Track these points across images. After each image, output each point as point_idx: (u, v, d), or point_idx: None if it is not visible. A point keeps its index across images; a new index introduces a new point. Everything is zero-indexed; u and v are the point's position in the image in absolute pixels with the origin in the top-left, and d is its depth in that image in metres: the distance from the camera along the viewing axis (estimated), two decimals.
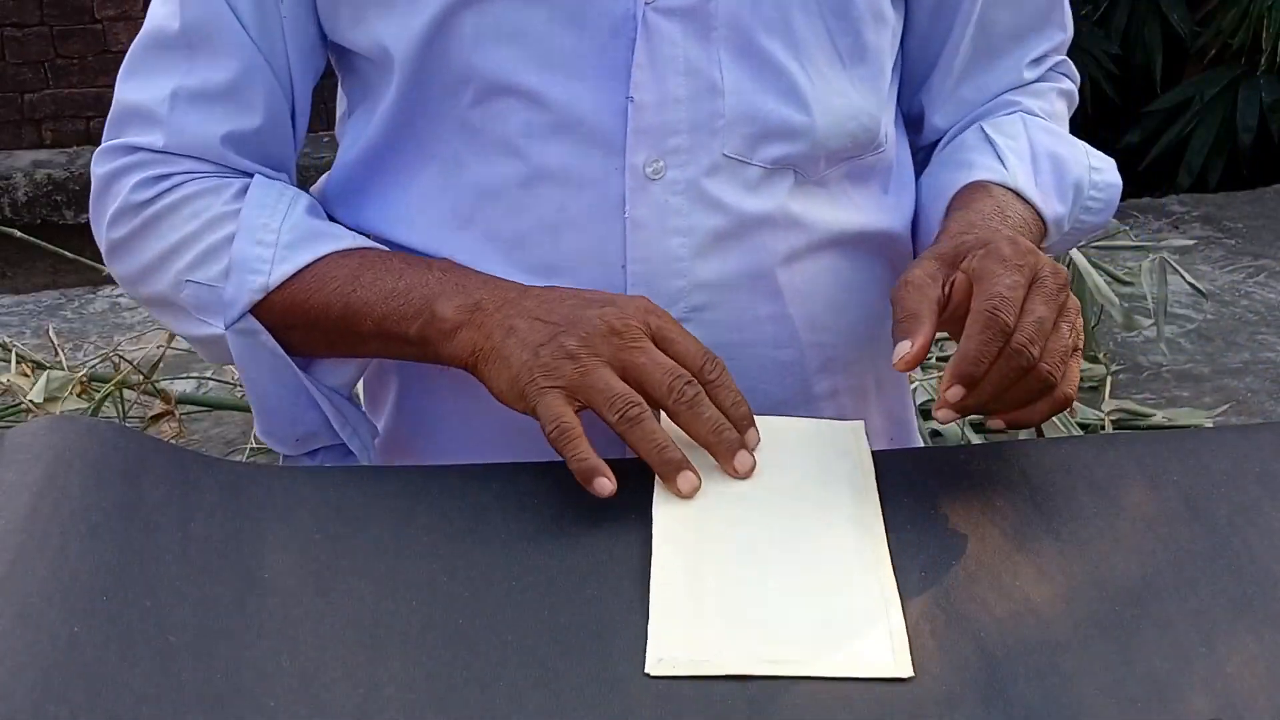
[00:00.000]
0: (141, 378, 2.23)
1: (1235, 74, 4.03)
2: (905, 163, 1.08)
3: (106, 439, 0.83)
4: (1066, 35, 1.10)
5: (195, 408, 2.32)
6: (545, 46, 0.92)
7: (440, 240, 0.97)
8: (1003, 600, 0.77)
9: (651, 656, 0.72)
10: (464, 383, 0.94)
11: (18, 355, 2.30)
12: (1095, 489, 0.86)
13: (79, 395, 2.15)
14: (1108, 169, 1.07)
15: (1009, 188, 0.99)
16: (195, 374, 2.46)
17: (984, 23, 1.05)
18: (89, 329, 2.68)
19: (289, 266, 0.93)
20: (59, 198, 4.36)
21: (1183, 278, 2.48)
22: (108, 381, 2.21)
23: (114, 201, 0.98)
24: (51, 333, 2.59)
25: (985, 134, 1.03)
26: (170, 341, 2.27)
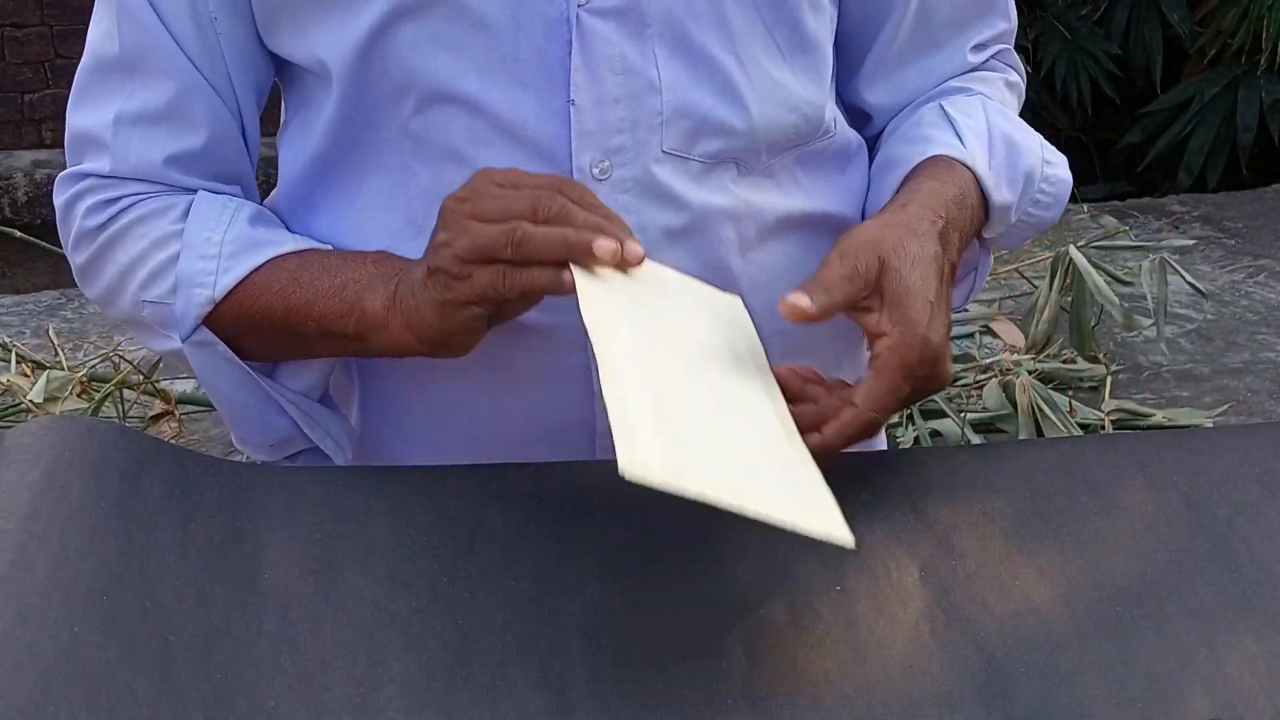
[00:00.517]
0: (141, 378, 2.23)
1: (1235, 74, 4.03)
2: (857, 143, 1.07)
3: (106, 439, 0.83)
4: (1010, 25, 1.10)
5: (195, 408, 2.32)
6: (483, 53, 0.92)
7: (396, 248, 0.96)
8: (1003, 600, 0.77)
9: (624, 457, 0.69)
10: (425, 380, 0.96)
11: (18, 355, 2.30)
12: (1095, 489, 0.86)
13: (79, 395, 2.15)
14: (1059, 164, 1.06)
15: (966, 165, 0.98)
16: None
17: (924, 8, 1.04)
18: (89, 329, 2.68)
19: (230, 278, 0.94)
20: None
21: (1183, 278, 2.48)
22: (108, 381, 2.21)
23: (72, 228, 0.99)
24: (51, 333, 2.59)
25: (945, 111, 1.02)
26: None
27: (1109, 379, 2.46)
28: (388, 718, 0.68)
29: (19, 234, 2.27)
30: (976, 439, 2.03)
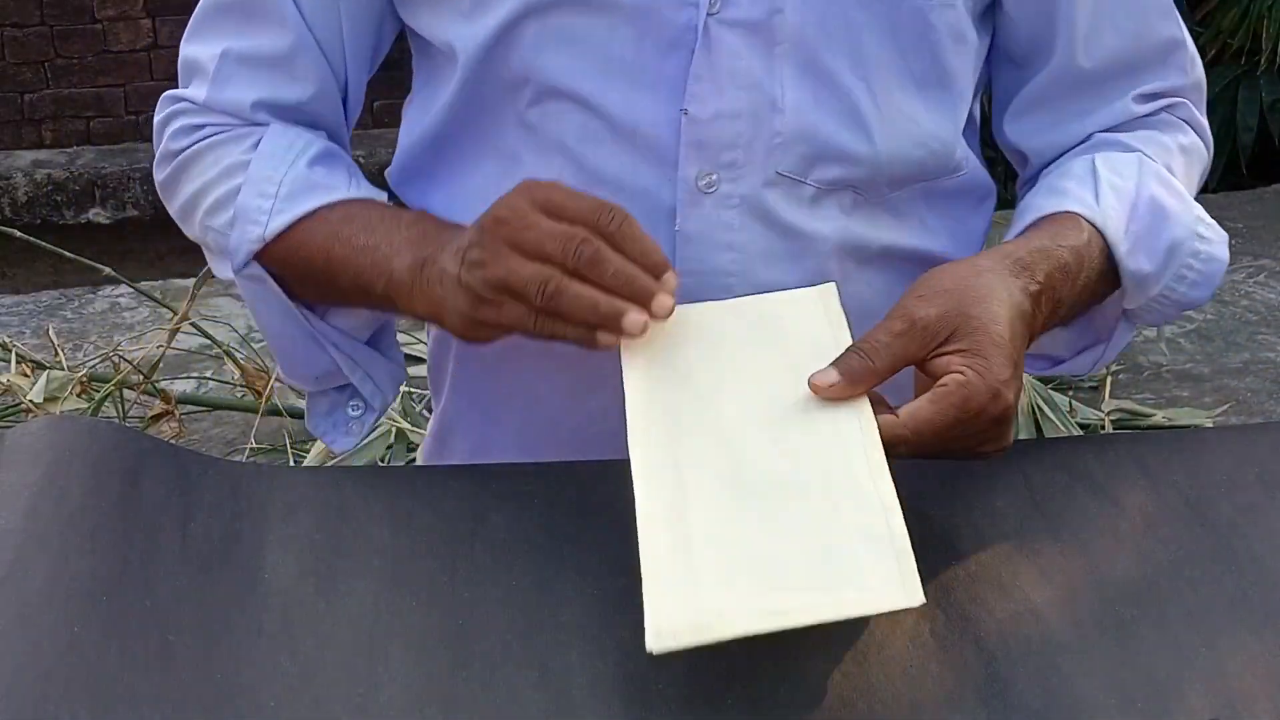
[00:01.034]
0: (141, 378, 2.23)
1: (1235, 74, 4.03)
2: (987, 186, 1.04)
3: (106, 439, 0.83)
4: (1188, 81, 1.02)
5: (195, 408, 2.32)
6: (604, 54, 0.92)
7: None
8: (1003, 600, 0.77)
9: (650, 630, 0.68)
10: (519, 370, 0.96)
11: (18, 355, 2.30)
12: (1095, 489, 0.86)
13: (79, 395, 2.15)
14: (1216, 241, 0.97)
15: (1096, 227, 0.92)
16: (195, 374, 2.46)
17: (1087, 48, 0.98)
18: (89, 329, 2.68)
19: (281, 220, 0.94)
20: (59, 198, 4.36)
21: None
22: (108, 381, 2.21)
23: (159, 146, 1.03)
24: (51, 333, 2.59)
25: (1094, 166, 0.96)
26: (170, 341, 2.27)
27: (1109, 379, 2.46)
28: (388, 718, 0.68)
29: (19, 234, 2.27)
30: None
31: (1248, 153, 4.04)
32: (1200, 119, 1.04)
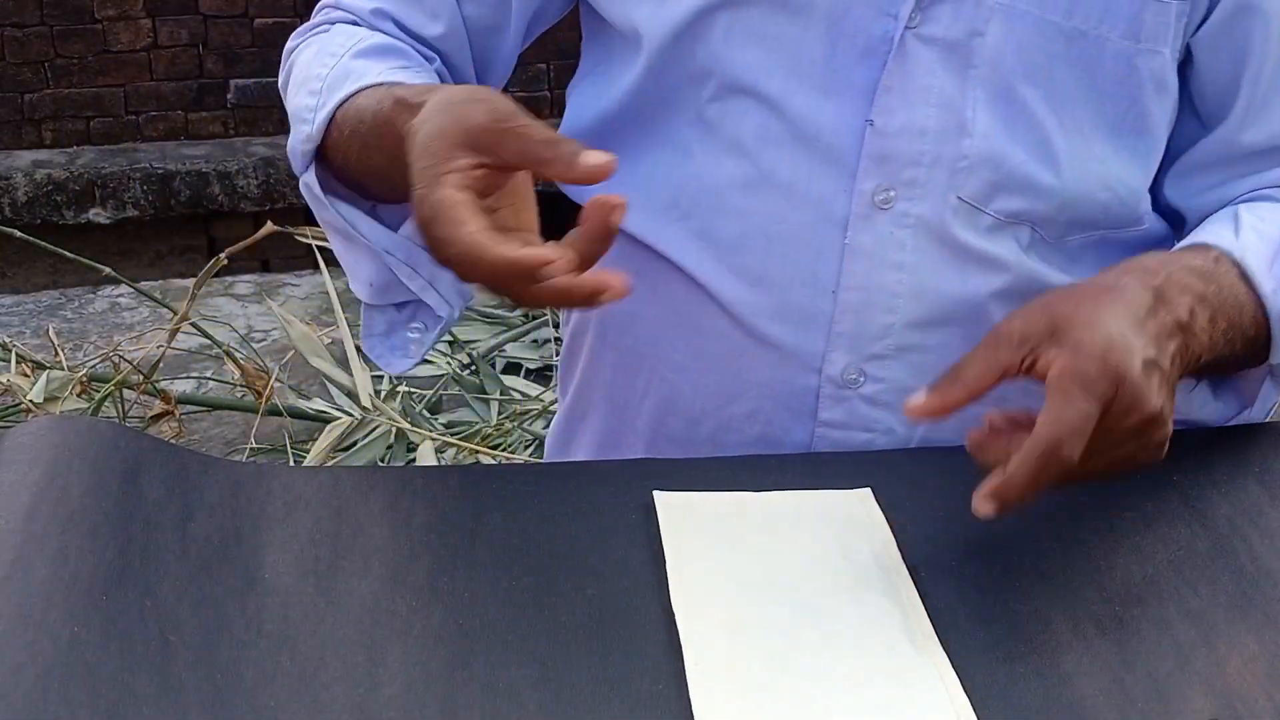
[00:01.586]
0: (141, 378, 2.23)
1: None
2: (1163, 240, 0.99)
3: (106, 439, 0.83)
4: None
5: (195, 408, 2.32)
6: (795, 55, 0.90)
7: (656, 228, 0.95)
8: (1003, 600, 0.77)
9: None
10: (660, 371, 0.97)
11: (18, 355, 2.30)
12: (1096, 489, 0.86)
13: (79, 395, 2.15)
14: None
15: (1233, 259, 0.88)
16: (195, 374, 2.46)
17: (1260, 120, 0.94)
18: (89, 329, 2.67)
19: (324, 115, 0.91)
20: (59, 198, 4.36)
21: None
22: (108, 381, 2.21)
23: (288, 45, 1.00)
24: (51, 333, 2.59)
25: (1236, 210, 0.93)
26: (170, 341, 2.27)
27: None
28: (388, 718, 0.68)
29: (19, 234, 2.27)
30: None
31: None
32: None
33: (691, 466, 0.89)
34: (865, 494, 0.85)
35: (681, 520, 0.82)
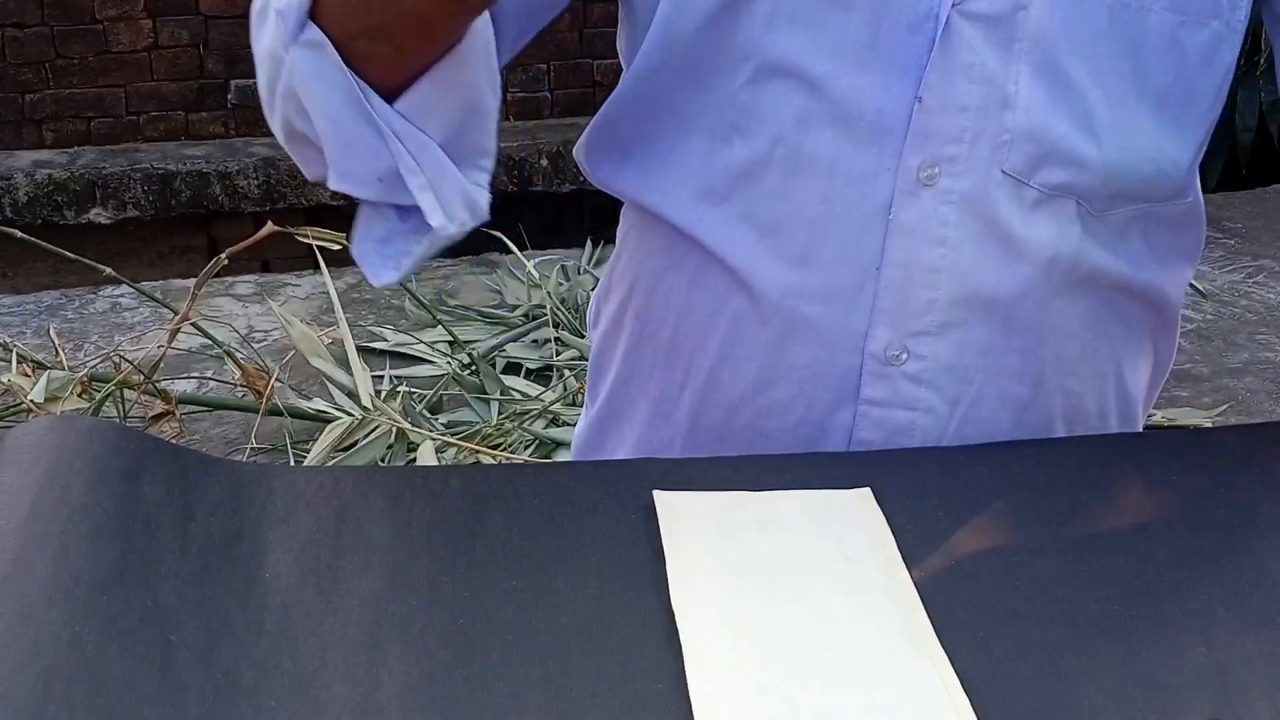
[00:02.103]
0: (142, 378, 2.23)
1: (1235, 74, 4.03)
2: (1201, 222, 1.00)
3: (107, 439, 0.83)
4: None
5: (196, 408, 2.32)
6: (839, 35, 0.89)
7: (692, 214, 0.95)
8: (1003, 600, 0.77)
9: None
10: (697, 360, 0.96)
11: (18, 355, 2.31)
12: (1095, 489, 0.86)
13: (79, 395, 2.15)
14: None
15: None
16: (195, 374, 2.46)
17: None
18: (90, 329, 2.68)
19: None
20: (59, 198, 4.36)
21: None
22: (108, 381, 2.21)
23: None
24: (52, 333, 2.59)
25: None
26: (171, 341, 2.27)
27: None
28: (388, 717, 0.68)
29: (19, 234, 2.27)
30: None
31: (1247, 153, 4.04)
32: None
33: (691, 466, 0.89)
34: (865, 494, 0.85)
35: (681, 520, 0.82)
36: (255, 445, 2.20)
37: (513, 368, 2.46)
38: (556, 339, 2.55)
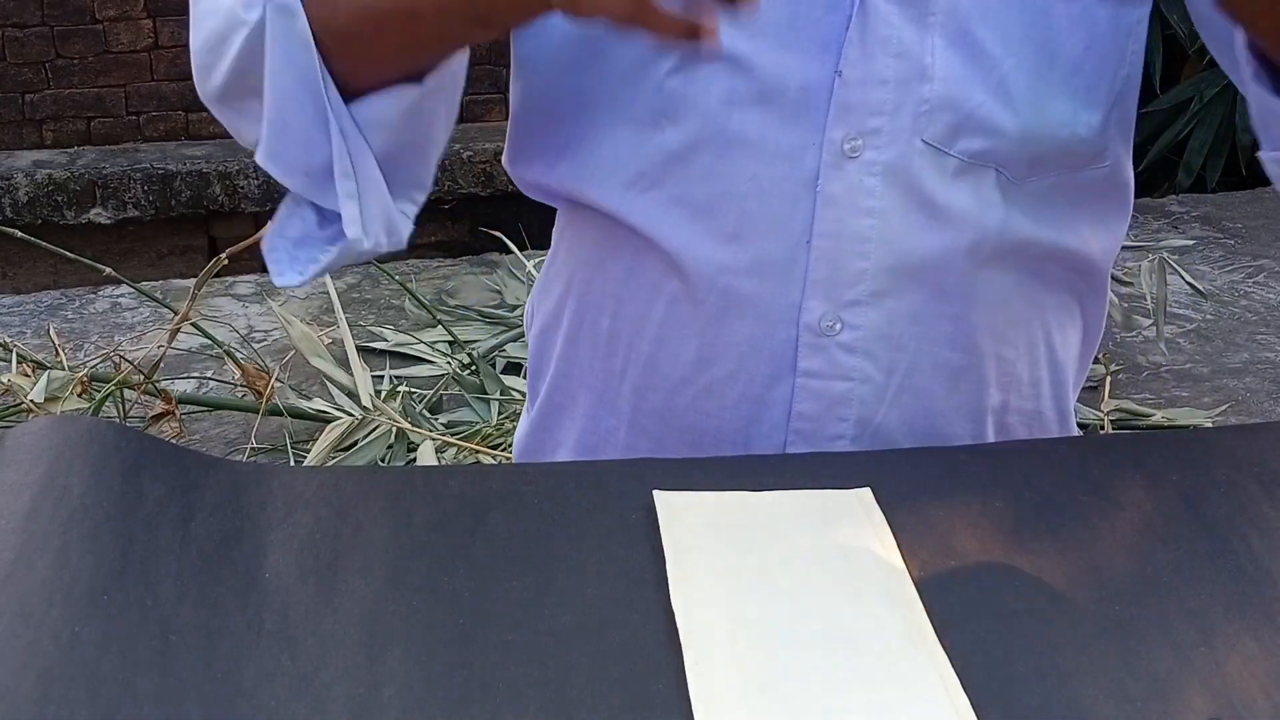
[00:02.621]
0: (142, 378, 2.23)
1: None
2: (1126, 186, 1.02)
3: (107, 439, 0.83)
4: None
5: (196, 408, 2.32)
6: (760, 17, 0.90)
7: (625, 201, 0.96)
8: (1002, 600, 0.77)
9: None
10: (635, 348, 0.97)
11: (18, 355, 2.31)
12: (1095, 489, 0.86)
13: (79, 395, 2.15)
14: None
15: None
16: (196, 374, 2.46)
17: None
18: (90, 329, 2.68)
19: None
20: (59, 198, 4.36)
21: (1182, 278, 2.48)
22: (108, 381, 2.21)
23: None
24: (52, 332, 2.59)
25: None
26: (171, 341, 2.27)
27: (1108, 379, 2.46)
28: (388, 718, 0.68)
29: (19, 234, 2.27)
30: None
31: (1247, 153, 4.04)
32: None
33: (692, 466, 0.89)
34: (865, 494, 0.86)
35: (681, 520, 0.82)
36: (255, 445, 2.20)
37: (513, 368, 2.46)
38: None
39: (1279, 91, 0.90)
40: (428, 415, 2.27)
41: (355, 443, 2.10)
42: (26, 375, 2.21)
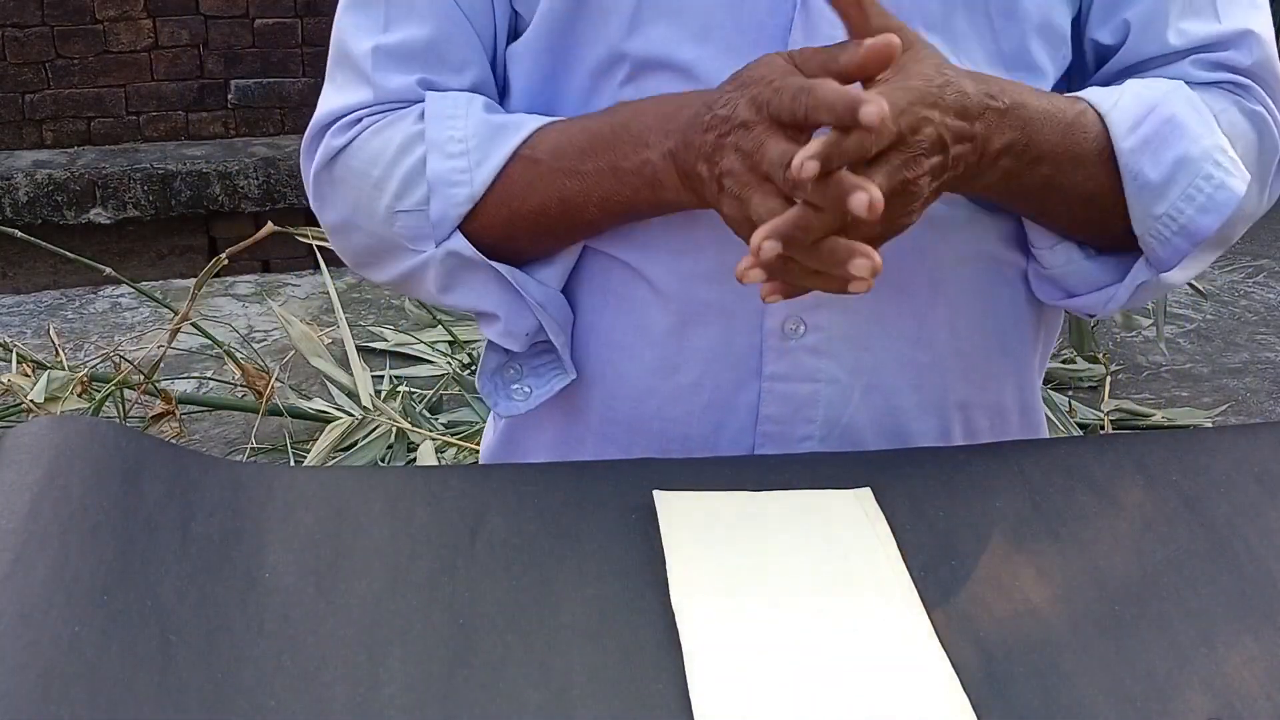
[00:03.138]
0: (142, 378, 2.23)
1: None
2: None
3: (107, 439, 0.83)
4: (1252, 61, 0.96)
5: (195, 408, 2.32)
6: (703, 21, 0.92)
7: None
8: (1002, 600, 0.77)
9: None
10: (602, 354, 0.99)
11: (19, 355, 2.31)
12: (1095, 489, 0.86)
13: (80, 395, 2.15)
14: (1234, 172, 0.92)
15: (1100, 114, 0.91)
16: (195, 374, 2.46)
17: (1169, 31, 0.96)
18: (90, 329, 2.68)
19: (486, 170, 0.93)
20: (59, 198, 4.36)
21: None
22: (108, 381, 2.21)
23: (313, 163, 0.99)
24: (52, 332, 2.59)
25: (1126, 83, 0.94)
26: (171, 341, 2.27)
27: (1108, 379, 2.47)
28: (388, 718, 0.68)
29: (20, 234, 2.27)
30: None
31: None
32: (1273, 105, 0.97)
33: (692, 466, 0.89)
34: (865, 494, 0.86)
35: (681, 520, 0.82)
36: (255, 445, 2.20)
37: None
38: None
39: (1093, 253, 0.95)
40: (428, 415, 2.27)
41: (355, 443, 2.10)
42: (26, 375, 2.21)
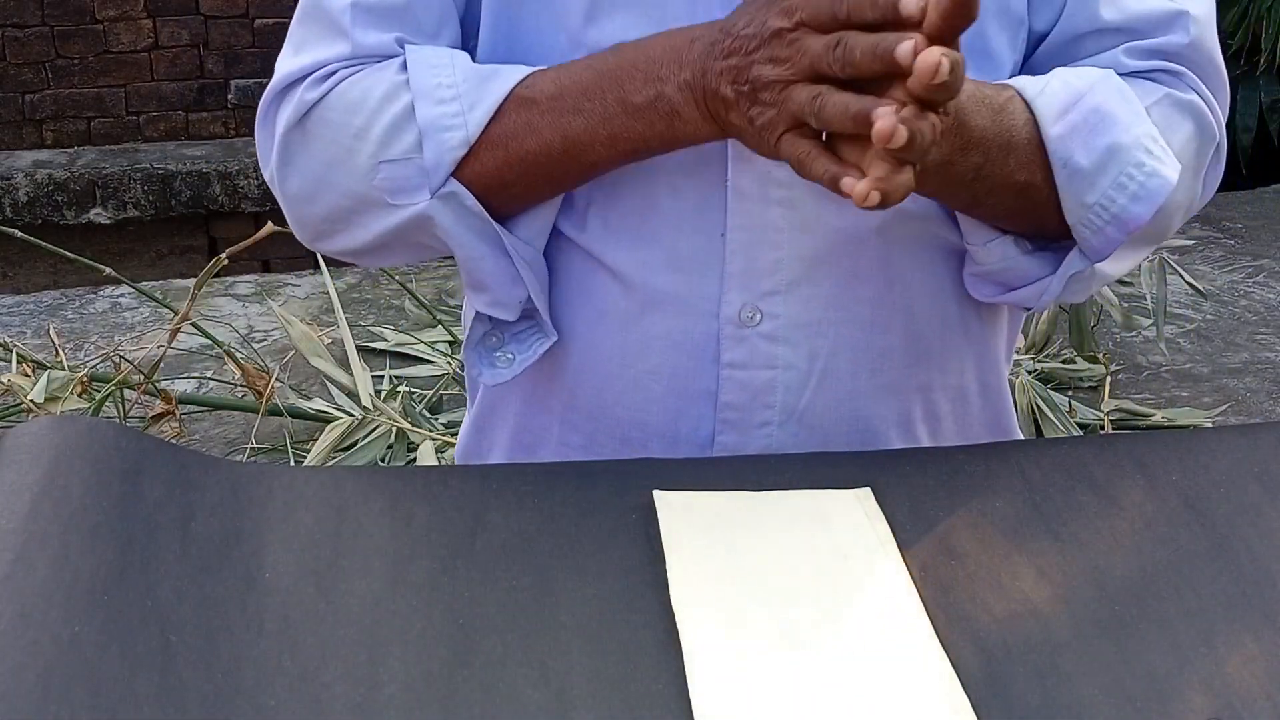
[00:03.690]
0: (142, 378, 2.23)
1: (1235, 74, 4.03)
2: None
3: (107, 439, 0.83)
4: (1186, 41, 0.96)
5: (195, 408, 2.32)
6: (659, 16, 0.92)
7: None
8: (1002, 600, 0.77)
9: None
10: (565, 344, 1.00)
11: (19, 355, 2.31)
12: (1095, 489, 0.86)
13: (80, 395, 2.15)
14: (1166, 162, 0.92)
15: (1026, 101, 0.91)
16: (195, 374, 2.46)
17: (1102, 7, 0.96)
18: (90, 329, 2.68)
19: (480, 112, 0.91)
20: (60, 198, 4.37)
21: (1182, 278, 2.48)
22: (108, 381, 2.21)
23: (278, 123, 0.97)
24: (52, 332, 2.59)
25: (1054, 71, 0.94)
26: (171, 341, 2.27)
27: (1108, 379, 2.47)
28: (388, 718, 0.68)
29: (20, 234, 2.27)
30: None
31: (1247, 153, 4.05)
32: (1207, 91, 0.97)
33: (692, 466, 0.89)
34: (865, 494, 0.86)
35: (681, 520, 0.82)
36: (255, 445, 2.20)
37: None
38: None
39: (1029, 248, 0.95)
40: (428, 415, 2.27)
41: (355, 443, 2.10)
42: (26, 375, 2.21)
